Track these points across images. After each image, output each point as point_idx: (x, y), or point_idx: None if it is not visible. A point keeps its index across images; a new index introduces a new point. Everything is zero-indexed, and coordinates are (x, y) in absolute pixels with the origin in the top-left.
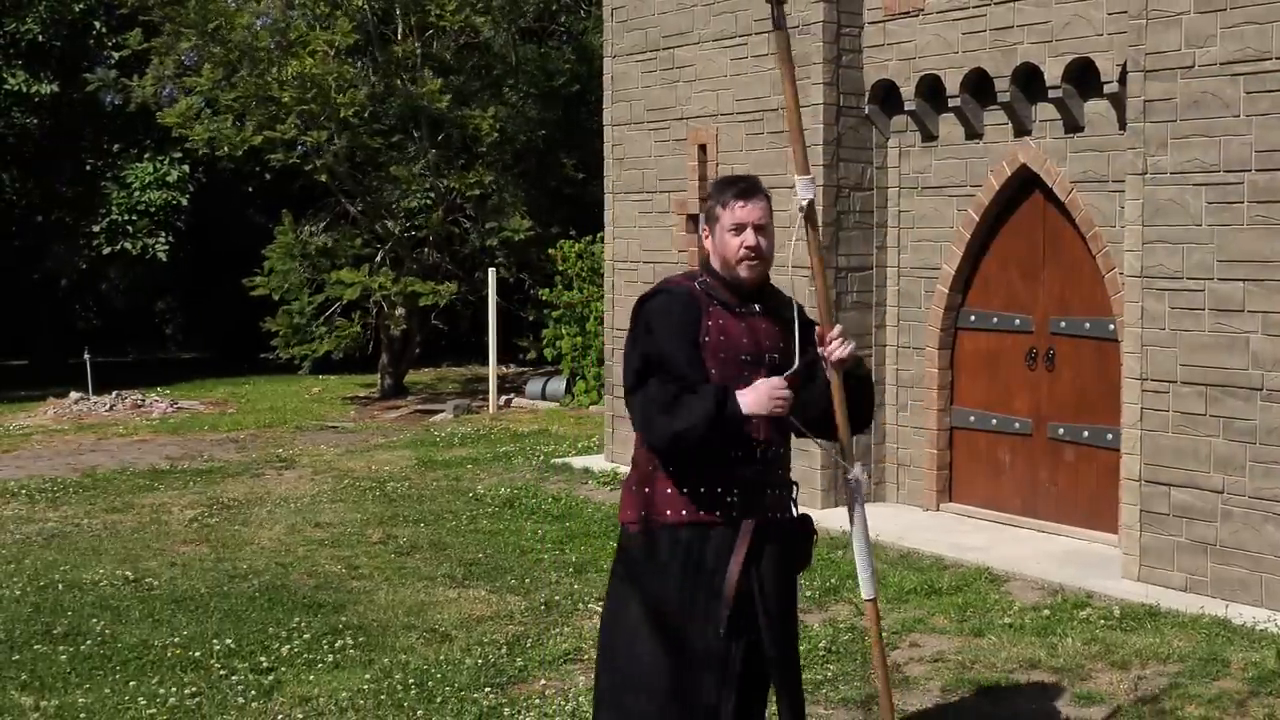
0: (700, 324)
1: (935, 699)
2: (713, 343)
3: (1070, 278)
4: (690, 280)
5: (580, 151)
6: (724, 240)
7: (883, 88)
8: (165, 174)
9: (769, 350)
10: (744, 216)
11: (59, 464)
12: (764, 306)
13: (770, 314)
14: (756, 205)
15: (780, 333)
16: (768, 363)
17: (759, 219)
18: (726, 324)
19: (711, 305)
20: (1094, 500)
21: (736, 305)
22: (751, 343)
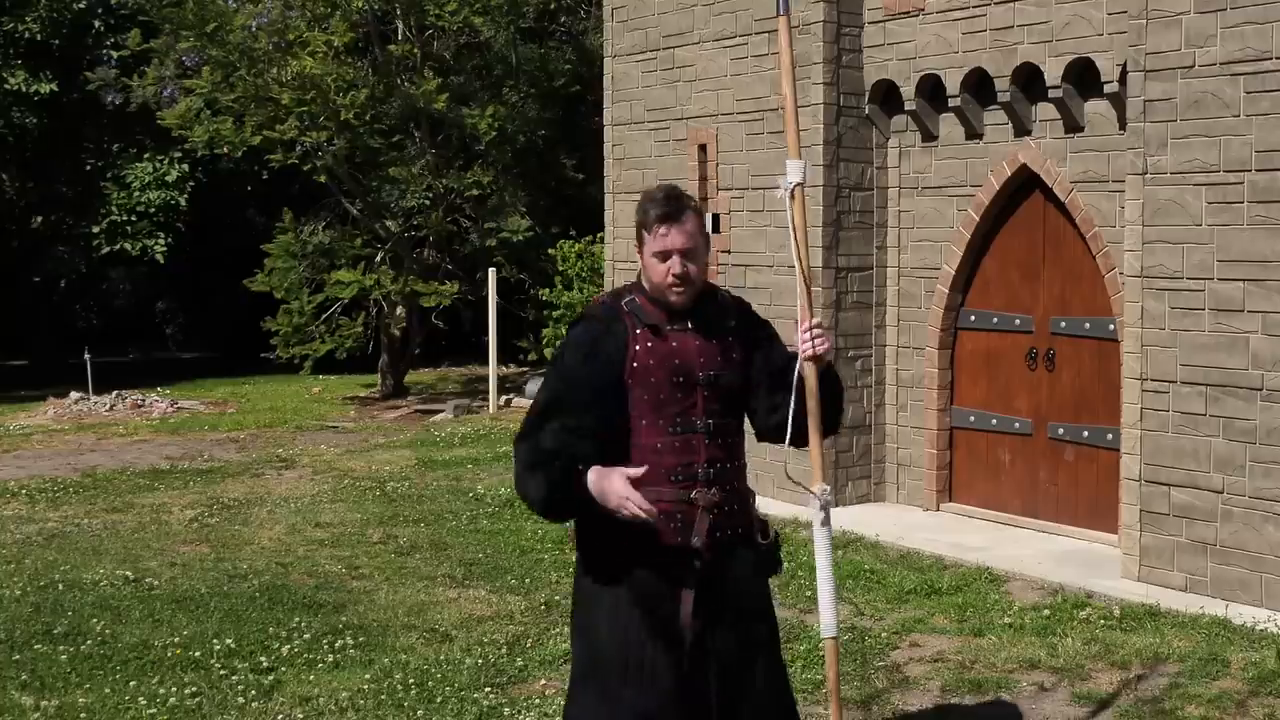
0: (626, 350)
1: (935, 699)
2: (640, 368)
3: (1070, 278)
4: (618, 300)
5: (580, 151)
6: (650, 265)
7: (883, 88)
8: (164, 174)
9: (703, 369)
10: (668, 244)
11: (59, 464)
12: (698, 322)
13: (704, 329)
14: (681, 230)
15: (717, 347)
16: (702, 381)
17: (683, 244)
18: (654, 347)
19: (638, 328)
20: (1094, 500)
21: (666, 324)
22: (683, 363)
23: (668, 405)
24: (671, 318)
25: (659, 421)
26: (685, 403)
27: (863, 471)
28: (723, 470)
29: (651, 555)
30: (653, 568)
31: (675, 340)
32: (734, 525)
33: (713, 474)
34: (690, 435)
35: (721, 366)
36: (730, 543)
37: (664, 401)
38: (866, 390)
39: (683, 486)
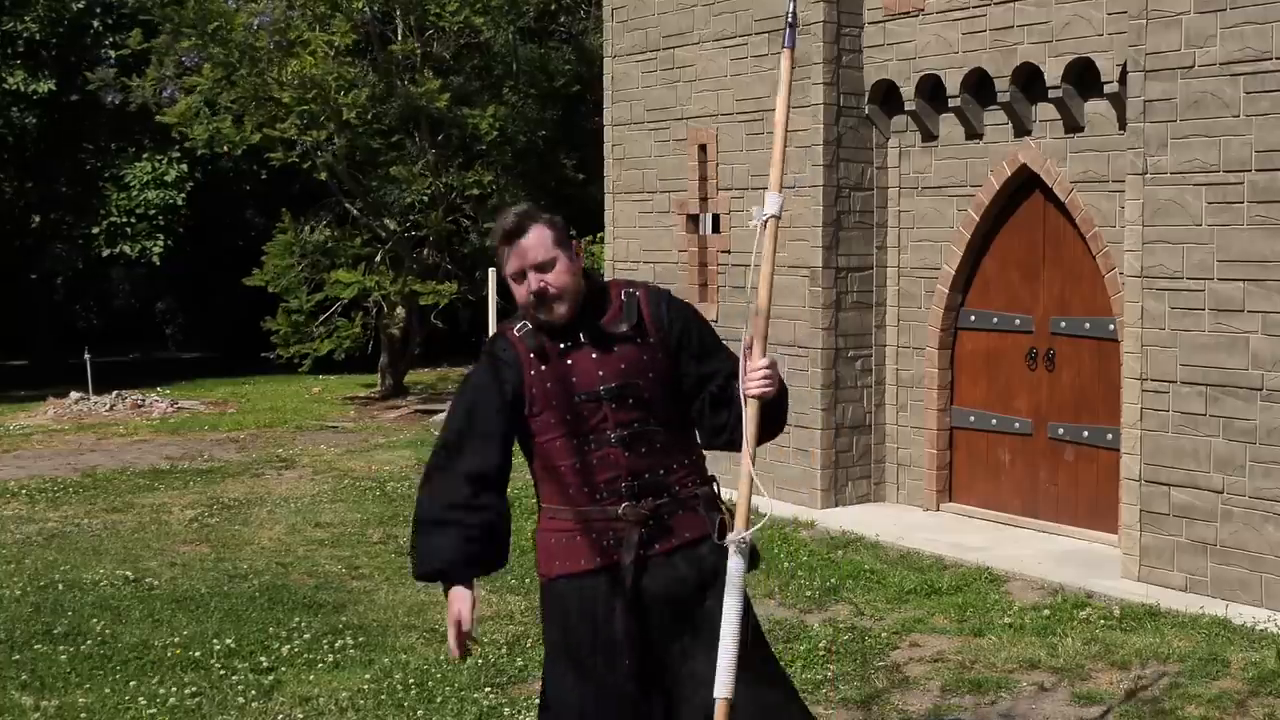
0: (522, 379)
1: (935, 699)
2: (540, 393)
3: (1070, 278)
4: (512, 328)
5: (580, 151)
6: (513, 287)
7: (883, 88)
8: (163, 173)
9: (604, 382)
10: (518, 262)
11: (59, 464)
12: (590, 334)
13: (597, 340)
14: (528, 244)
15: (617, 356)
16: (605, 395)
17: (535, 258)
18: (547, 371)
19: (529, 354)
20: (1094, 500)
21: (558, 345)
22: (582, 381)
23: (576, 424)
24: (560, 335)
25: (572, 441)
26: (593, 419)
27: (863, 471)
28: (653, 480)
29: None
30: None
31: (569, 358)
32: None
33: (638, 486)
34: (606, 450)
35: (624, 375)
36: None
37: (570, 422)
38: (866, 390)
39: (609, 503)
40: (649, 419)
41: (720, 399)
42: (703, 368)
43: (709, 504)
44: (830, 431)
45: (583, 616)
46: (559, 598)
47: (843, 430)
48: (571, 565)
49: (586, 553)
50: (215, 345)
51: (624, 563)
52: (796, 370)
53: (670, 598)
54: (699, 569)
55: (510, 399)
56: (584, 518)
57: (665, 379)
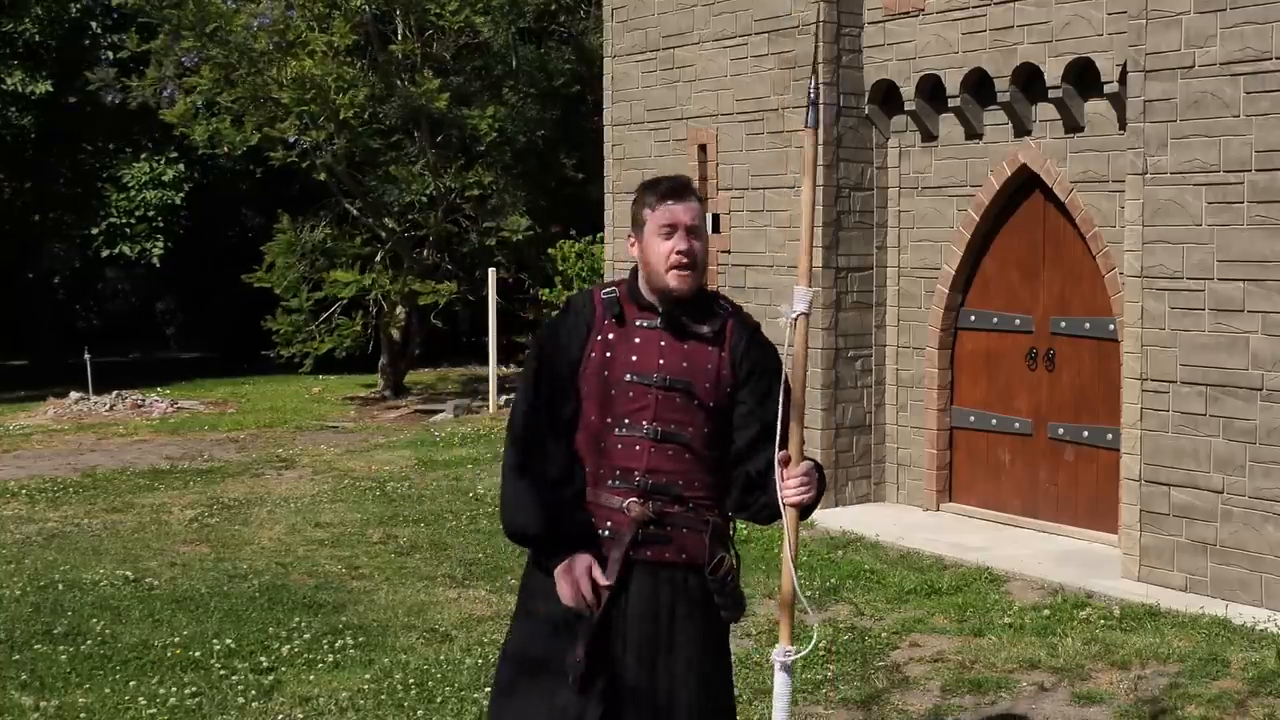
0: (588, 339)
1: (935, 699)
2: (596, 358)
3: (1070, 278)
4: (601, 290)
5: (580, 151)
6: (651, 245)
7: (883, 88)
8: (161, 173)
9: (661, 370)
10: (675, 216)
11: (59, 464)
12: (670, 319)
13: (675, 329)
14: (689, 206)
15: (686, 351)
16: (657, 383)
17: (691, 219)
18: (615, 338)
19: (606, 319)
20: (1094, 500)
21: (635, 319)
22: (641, 361)
23: (617, 402)
24: (643, 311)
25: (606, 418)
26: (636, 403)
27: (863, 471)
28: (669, 486)
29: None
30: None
31: (639, 335)
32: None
33: (651, 485)
34: (634, 438)
35: (684, 372)
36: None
37: (614, 397)
38: (866, 390)
39: (617, 493)
40: (688, 425)
41: (755, 483)
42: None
43: (717, 536)
44: (830, 431)
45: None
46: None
47: (843, 430)
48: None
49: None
50: (215, 345)
51: (611, 556)
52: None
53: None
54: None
55: (567, 355)
56: (592, 499)
57: (719, 396)
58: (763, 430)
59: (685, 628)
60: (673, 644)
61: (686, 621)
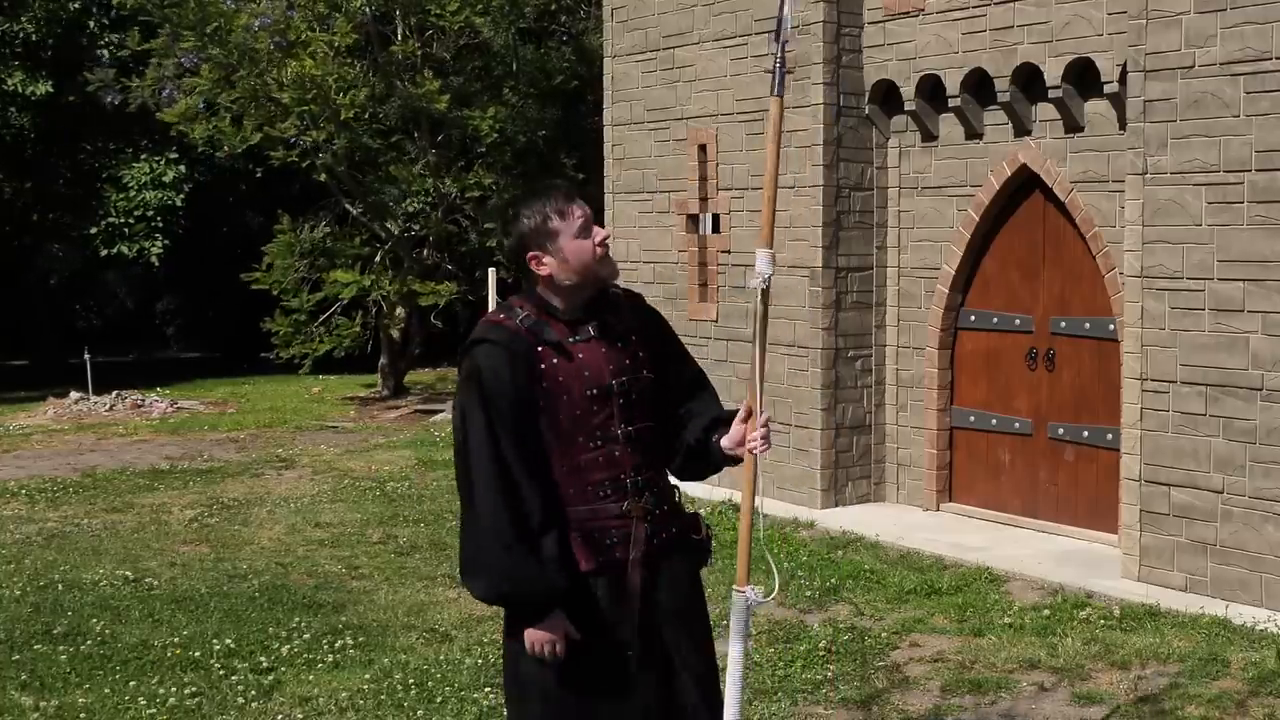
0: (532, 371)
1: (935, 699)
2: (551, 387)
3: (1070, 278)
4: (512, 319)
5: (580, 151)
6: (574, 246)
7: (883, 88)
8: (161, 174)
9: (614, 376)
10: (584, 215)
11: (59, 464)
12: (599, 327)
13: (607, 334)
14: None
15: (624, 350)
16: (616, 390)
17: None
18: (560, 364)
19: (540, 346)
20: (1094, 500)
21: (568, 337)
22: (594, 375)
23: (585, 419)
24: (572, 329)
25: (579, 438)
26: (601, 414)
27: (863, 471)
28: (650, 476)
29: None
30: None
31: (581, 351)
32: (668, 527)
33: (640, 481)
34: (613, 446)
35: (632, 371)
36: (667, 545)
37: (580, 417)
38: (866, 390)
39: (614, 500)
40: (647, 416)
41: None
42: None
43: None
44: (830, 431)
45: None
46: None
47: (843, 430)
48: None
49: (583, 554)
50: (215, 345)
51: (632, 559)
52: (796, 370)
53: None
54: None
55: (521, 389)
56: (582, 518)
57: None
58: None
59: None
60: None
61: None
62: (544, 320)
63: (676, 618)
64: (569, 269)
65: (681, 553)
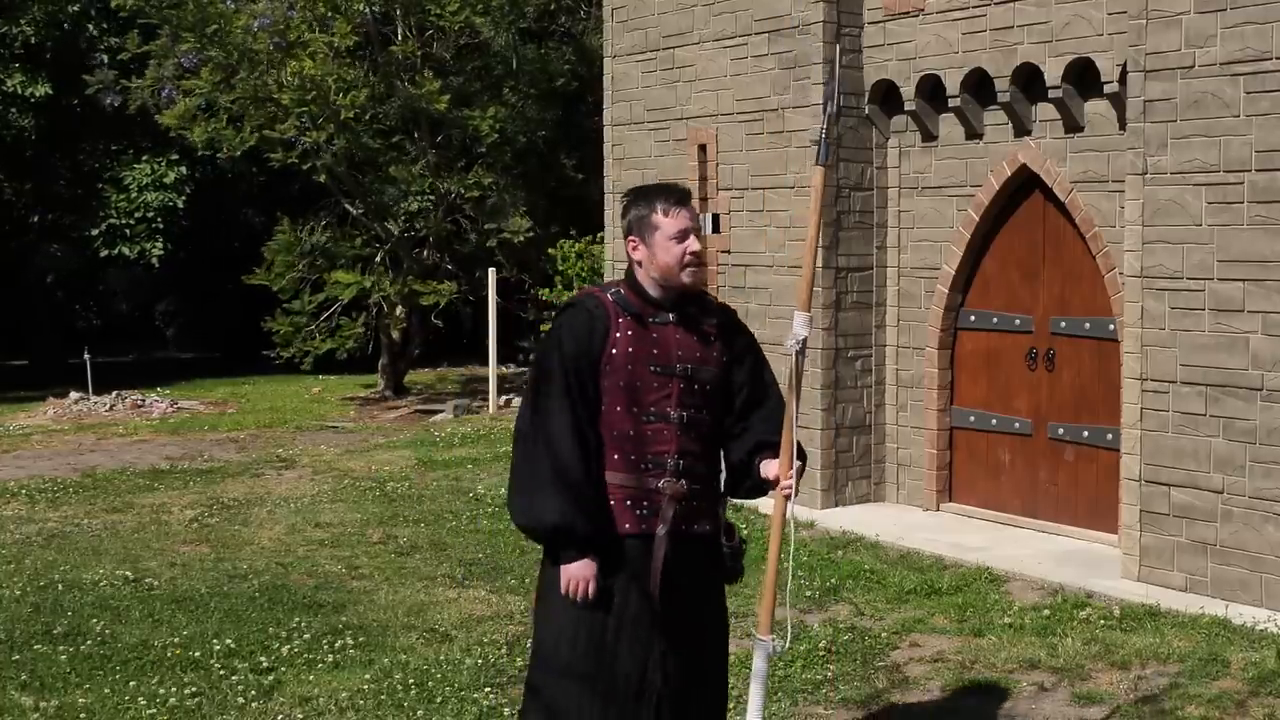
0: (607, 337)
1: (935, 699)
2: (619, 355)
3: (1070, 278)
4: (604, 291)
5: (580, 151)
6: (665, 248)
7: (883, 88)
8: (162, 175)
9: (681, 361)
10: (686, 223)
11: (59, 464)
12: (680, 315)
13: (686, 323)
14: (693, 213)
15: (697, 342)
16: (679, 373)
17: (696, 225)
18: (635, 335)
19: (621, 317)
20: (1094, 500)
21: (650, 316)
22: (661, 354)
23: (644, 393)
24: (655, 309)
25: (633, 409)
26: (661, 392)
27: (863, 471)
28: (693, 465)
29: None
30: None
31: (656, 331)
32: (698, 521)
33: (682, 466)
34: (663, 425)
35: (700, 360)
36: (692, 538)
37: (640, 389)
38: (866, 390)
39: (652, 475)
40: (706, 408)
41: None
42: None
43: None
44: (830, 431)
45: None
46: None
47: (843, 430)
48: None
49: (623, 517)
50: (215, 345)
51: (659, 532)
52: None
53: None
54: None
55: (591, 352)
56: (624, 485)
57: (722, 384)
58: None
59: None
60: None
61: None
62: (631, 297)
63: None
64: (655, 264)
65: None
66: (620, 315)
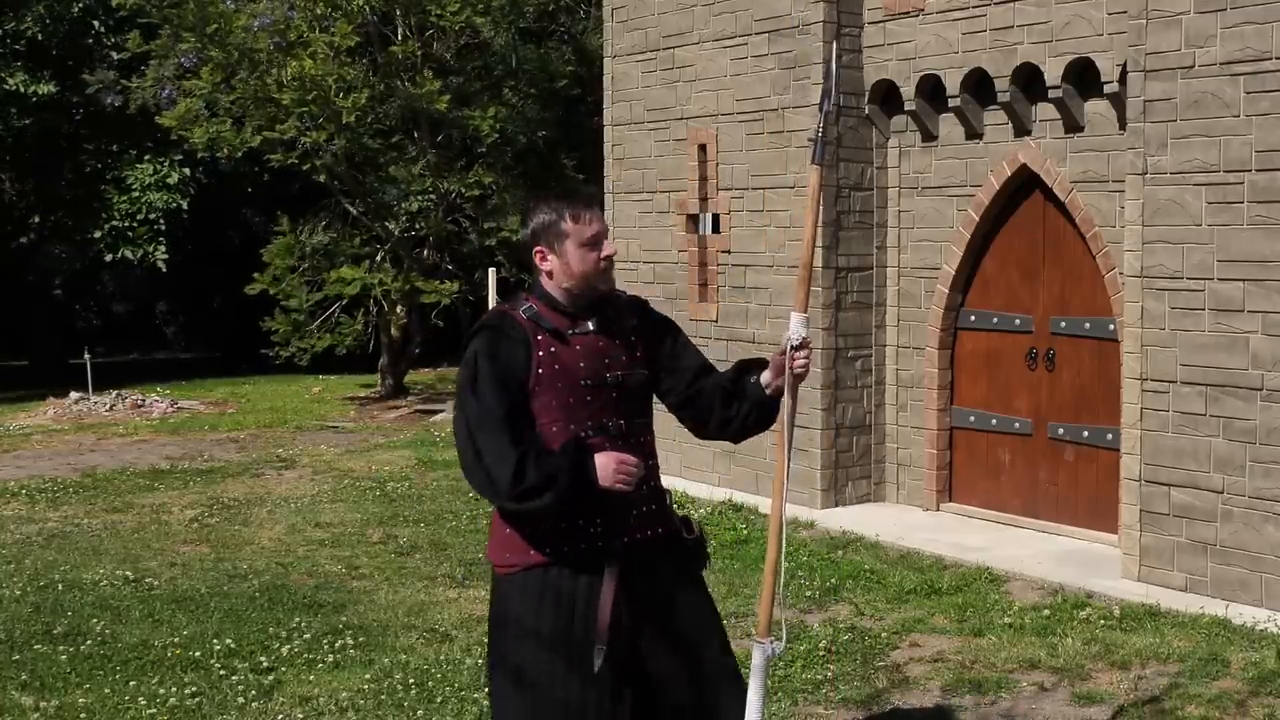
0: (529, 358)
1: (935, 699)
2: (546, 374)
3: (1070, 278)
4: (515, 309)
5: (580, 151)
6: (579, 256)
7: (883, 88)
8: (166, 176)
9: (610, 370)
10: (598, 228)
11: (59, 464)
12: (599, 322)
13: (607, 330)
14: (601, 215)
15: (622, 346)
16: (611, 383)
17: (606, 228)
18: (558, 352)
19: (539, 334)
20: (1094, 500)
21: (567, 329)
22: (589, 367)
23: (578, 409)
24: (573, 322)
25: (570, 426)
26: (595, 405)
27: (863, 471)
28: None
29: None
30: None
31: (579, 344)
32: (652, 525)
33: None
34: (603, 439)
35: (627, 366)
36: (649, 543)
37: (573, 405)
38: (866, 390)
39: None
40: (640, 413)
41: (732, 392)
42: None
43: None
44: (830, 431)
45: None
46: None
47: (843, 430)
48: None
49: (571, 537)
50: (215, 345)
51: (614, 545)
52: None
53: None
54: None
55: (514, 375)
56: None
57: (650, 379)
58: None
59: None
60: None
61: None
62: (545, 312)
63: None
64: (569, 273)
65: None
66: (538, 333)
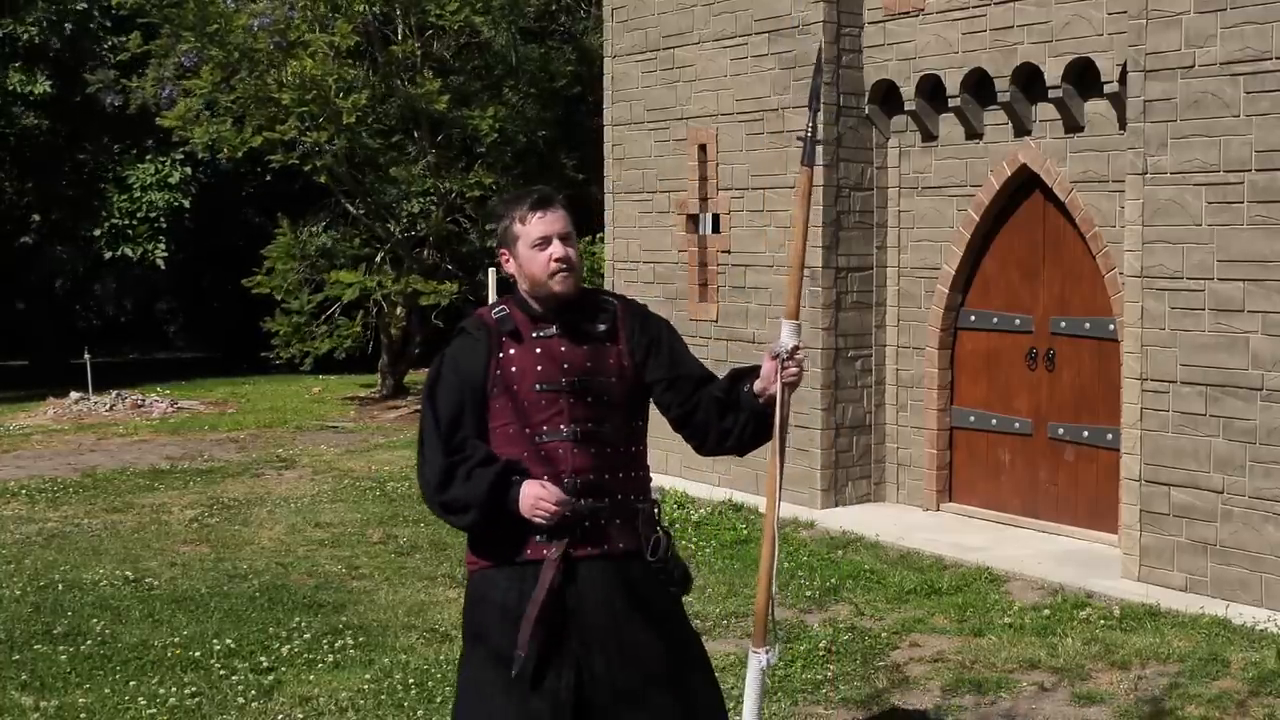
0: (490, 359)
1: (935, 699)
2: (503, 375)
3: (1070, 278)
4: (489, 312)
5: (580, 151)
6: (529, 257)
7: (883, 88)
8: (167, 175)
9: (568, 374)
10: (546, 228)
11: (59, 464)
12: (565, 326)
13: (572, 333)
14: (556, 215)
15: (587, 351)
16: (566, 387)
17: (562, 229)
18: (516, 354)
19: (503, 336)
20: (1094, 500)
21: (530, 331)
22: (546, 370)
23: (532, 413)
24: (537, 323)
25: (524, 430)
26: (550, 410)
27: (863, 471)
28: (596, 481)
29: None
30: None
31: (538, 347)
32: (608, 540)
33: (579, 484)
34: (556, 443)
35: (590, 371)
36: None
37: (527, 409)
38: (866, 390)
39: None
40: (605, 420)
41: (727, 403)
42: (674, 371)
43: (647, 521)
44: (830, 431)
45: (504, 611)
46: (478, 589)
47: (843, 430)
48: (497, 556)
49: (515, 545)
50: (215, 345)
51: (550, 557)
52: None
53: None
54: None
55: (473, 378)
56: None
57: (628, 387)
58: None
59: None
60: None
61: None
62: (514, 313)
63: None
64: (524, 275)
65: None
66: (502, 335)
